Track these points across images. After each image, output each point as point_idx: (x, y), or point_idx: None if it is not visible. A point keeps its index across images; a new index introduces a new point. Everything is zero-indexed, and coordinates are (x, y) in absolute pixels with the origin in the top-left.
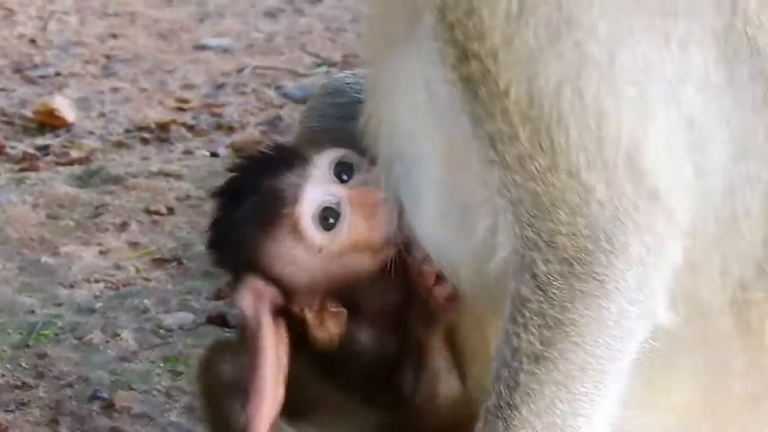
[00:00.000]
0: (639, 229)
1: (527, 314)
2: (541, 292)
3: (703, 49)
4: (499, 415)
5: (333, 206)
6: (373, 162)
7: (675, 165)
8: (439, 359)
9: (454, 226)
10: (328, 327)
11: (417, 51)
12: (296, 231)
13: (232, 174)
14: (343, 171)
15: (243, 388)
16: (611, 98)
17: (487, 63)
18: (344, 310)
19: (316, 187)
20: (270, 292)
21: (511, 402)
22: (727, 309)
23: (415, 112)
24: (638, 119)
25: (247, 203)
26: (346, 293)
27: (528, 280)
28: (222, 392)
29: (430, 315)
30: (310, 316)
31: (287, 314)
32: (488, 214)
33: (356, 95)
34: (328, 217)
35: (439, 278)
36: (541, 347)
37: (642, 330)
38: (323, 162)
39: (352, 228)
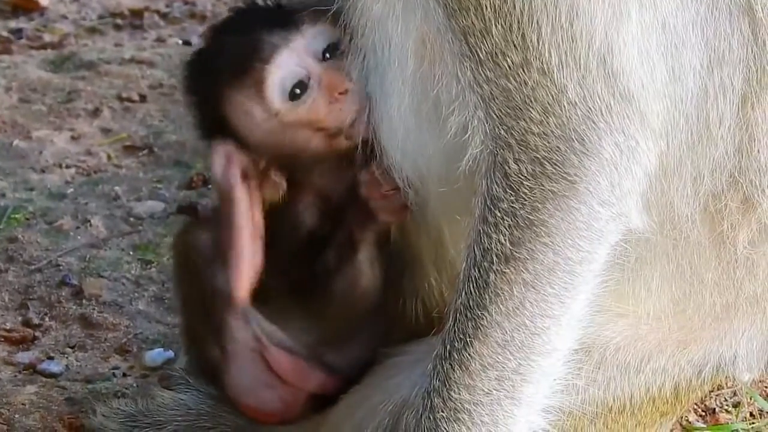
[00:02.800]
0: (611, 130)
1: (498, 214)
2: (512, 192)
3: None
4: (468, 315)
5: (303, 79)
6: (346, 48)
7: (648, 67)
8: (364, 255)
9: (425, 120)
10: (264, 191)
11: None
12: (260, 88)
13: (230, 14)
14: (324, 49)
15: (219, 260)
16: None
17: None
18: (283, 182)
19: (293, 55)
20: (240, 155)
21: (480, 302)
22: (698, 218)
23: (386, 3)
24: (611, 18)
25: (228, 45)
26: (291, 165)
27: (500, 179)
28: (200, 259)
29: (370, 217)
30: (251, 173)
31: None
32: (460, 109)
33: None
34: (294, 88)
35: (393, 189)
36: (511, 247)
37: (613, 233)
38: (309, 33)
39: (313, 107)
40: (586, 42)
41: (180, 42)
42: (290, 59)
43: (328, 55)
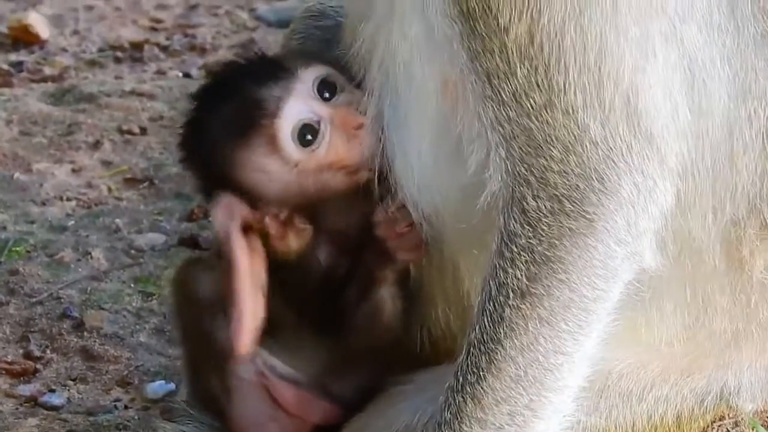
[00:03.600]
0: (631, 170)
1: (515, 249)
2: (530, 228)
3: None
4: (483, 348)
5: (313, 123)
6: (357, 85)
7: (672, 106)
8: (386, 292)
9: (444, 157)
10: (290, 240)
11: None
12: (273, 143)
13: (215, 76)
14: (326, 89)
15: (220, 304)
16: (614, 37)
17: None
18: (310, 227)
19: (298, 102)
20: (242, 208)
21: (494, 336)
22: (717, 246)
23: (410, 43)
24: (639, 59)
25: (227, 108)
26: (313, 210)
27: (517, 215)
28: (200, 311)
29: (388, 256)
30: (273, 226)
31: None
32: (480, 147)
33: (340, 18)
34: (306, 134)
35: (409, 226)
36: (528, 283)
37: (627, 271)
38: (308, 77)
39: (331, 147)
40: (612, 83)
41: (180, 74)
42: (297, 107)
43: (327, 95)
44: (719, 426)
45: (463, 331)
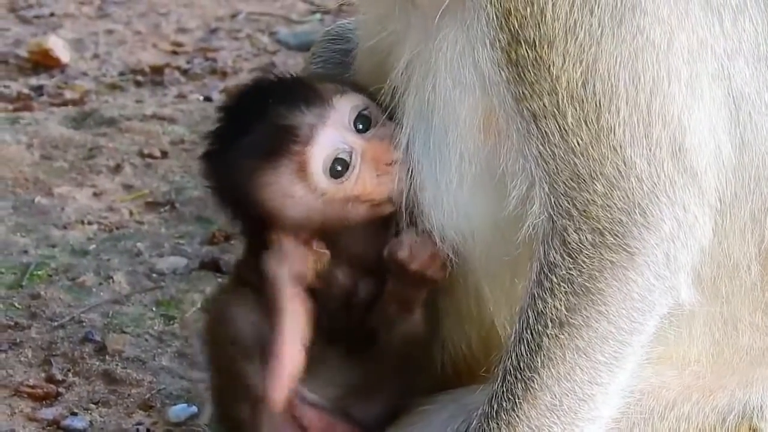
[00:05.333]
0: (673, 205)
1: (555, 279)
2: (570, 259)
3: (754, 20)
4: (519, 376)
5: (345, 156)
6: (390, 117)
7: (716, 142)
8: (419, 315)
9: (481, 190)
10: (307, 264)
11: (462, 27)
12: (303, 170)
13: (244, 93)
14: (361, 121)
15: (257, 345)
16: (665, 80)
17: (541, 50)
18: (328, 252)
19: (333, 132)
20: (299, 258)
21: (531, 365)
22: (754, 265)
23: (453, 79)
24: (687, 98)
25: (256, 128)
26: (333, 236)
27: (558, 246)
28: (234, 347)
29: (414, 281)
30: (289, 248)
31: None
32: (523, 182)
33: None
34: (337, 166)
35: (431, 252)
36: (567, 313)
37: (663, 305)
38: (344, 107)
39: (359, 181)
40: (661, 122)
41: (201, 98)
42: (331, 137)
43: (362, 127)
44: None
45: (485, 354)
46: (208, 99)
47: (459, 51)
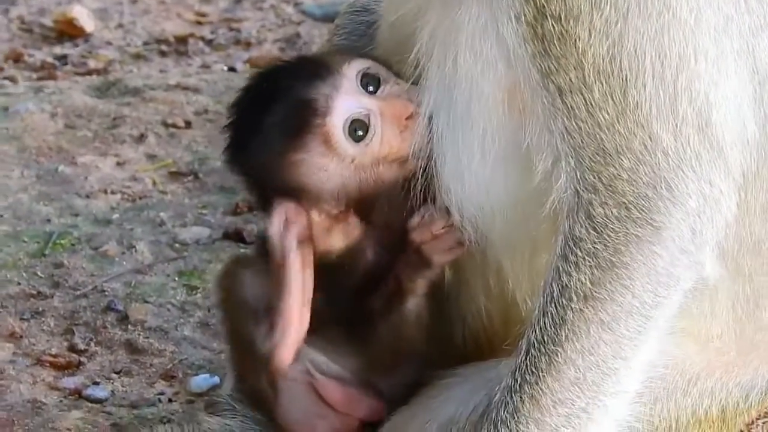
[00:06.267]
0: (699, 180)
1: (580, 253)
2: (596, 233)
3: None
4: (543, 350)
5: (362, 118)
6: (399, 76)
7: (741, 118)
8: (412, 305)
9: (504, 164)
10: (336, 236)
11: (486, 0)
12: (328, 142)
13: (258, 79)
14: (370, 82)
15: (266, 310)
16: (692, 56)
17: (567, 24)
18: (359, 223)
19: (346, 98)
20: (301, 218)
21: (555, 338)
22: None
23: (476, 54)
24: (714, 74)
25: (276, 110)
26: (367, 206)
27: (583, 220)
28: (245, 314)
29: (422, 263)
30: (319, 221)
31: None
32: (548, 156)
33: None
34: (357, 129)
35: (446, 228)
36: (591, 287)
37: (688, 280)
38: (351, 72)
39: (385, 140)
40: (687, 97)
41: (225, 68)
42: (346, 103)
43: (372, 88)
44: (765, 421)
45: (506, 328)
46: (232, 69)
47: (482, 25)
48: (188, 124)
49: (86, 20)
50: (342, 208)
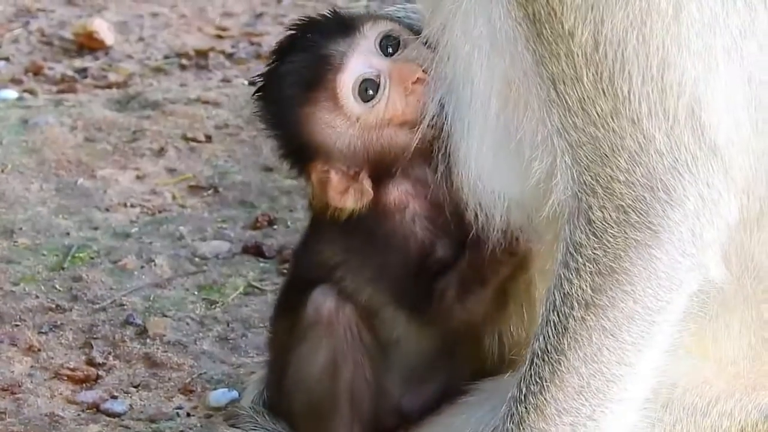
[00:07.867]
0: (696, 181)
1: (580, 260)
2: (595, 239)
3: (766, 4)
4: (546, 359)
5: (373, 78)
6: (423, 42)
7: (734, 120)
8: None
9: (507, 163)
10: (348, 198)
11: None
12: (336, 98)
13: (290, 32)
14: (389, 44)
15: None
16: (675, 48)
17: (553, 3)
18: (370, 189)
19: (360, 57)
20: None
21: (558, 347)
22: None
23: (473, 44)
24: (701, 71)
25: (296, 63)
26: (384, 168)
27: (583, 225)
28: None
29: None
30: (335, 179)
31: None
32: (546, 155)
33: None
34: (367, 89)
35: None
36: (592, 294)
37: (691, 283)
38: (372, 33)
39: (391, 102)
40: (675, 94)
41: (245, 83)
42: (358, 62)
43: (390, 50)
44: None
45: (528, 339)
46: (253, 84)
47: (477, 7)
48: (208, 138)
49: (106, 33)
50: (357, 169)
